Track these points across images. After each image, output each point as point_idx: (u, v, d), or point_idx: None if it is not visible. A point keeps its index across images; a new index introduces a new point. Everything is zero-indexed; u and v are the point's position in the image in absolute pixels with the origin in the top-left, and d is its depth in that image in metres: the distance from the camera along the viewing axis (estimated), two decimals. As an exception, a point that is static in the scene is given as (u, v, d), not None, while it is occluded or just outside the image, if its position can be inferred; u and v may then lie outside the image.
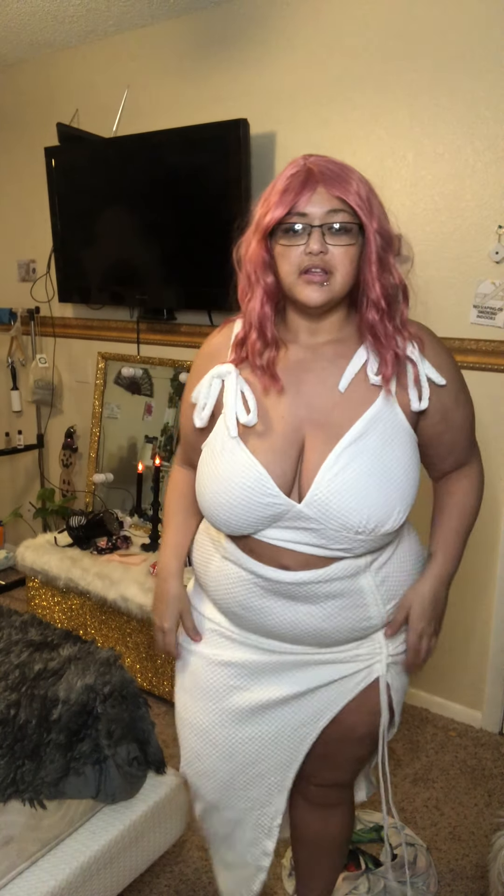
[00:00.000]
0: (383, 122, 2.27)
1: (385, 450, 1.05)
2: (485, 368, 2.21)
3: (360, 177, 1.05)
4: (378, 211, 1.05)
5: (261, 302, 1.09)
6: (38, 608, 2.72)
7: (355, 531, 1.04)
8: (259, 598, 1.13)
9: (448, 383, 1.11)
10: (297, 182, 1.02)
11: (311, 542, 1.07)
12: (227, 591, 1.17)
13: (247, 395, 1.09)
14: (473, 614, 2.35)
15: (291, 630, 1.14)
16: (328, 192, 1.01)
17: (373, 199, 1.05)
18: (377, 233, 1.04)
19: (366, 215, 1.02)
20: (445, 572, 1.20)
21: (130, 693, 1.44)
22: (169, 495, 1.34)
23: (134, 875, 1.44)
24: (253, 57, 2.51)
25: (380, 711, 1.20)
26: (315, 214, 1.01)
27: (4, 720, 1.29)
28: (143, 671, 2.44)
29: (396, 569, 1.16)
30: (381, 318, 1.06)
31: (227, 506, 1.07)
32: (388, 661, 1.20)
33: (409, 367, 1.08)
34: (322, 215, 1.01)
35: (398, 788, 2.08)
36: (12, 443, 3.55)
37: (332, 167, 1.04)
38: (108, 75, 2.93)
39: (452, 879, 1.76)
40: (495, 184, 2.11)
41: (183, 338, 2.90)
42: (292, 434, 1.08)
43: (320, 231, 1.01)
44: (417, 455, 1.11)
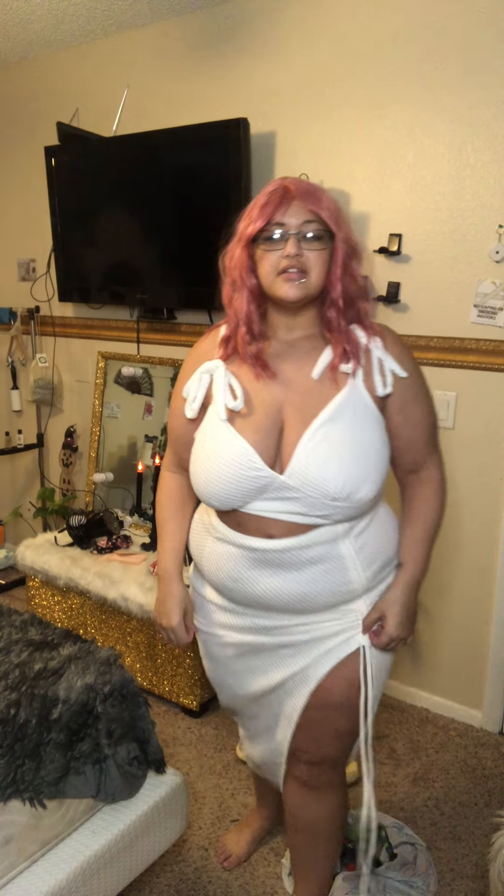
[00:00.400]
0: (383, 121, 2.27)
1: (355, 427, 1.21)
2: (485, 368, 2.21)
3: (330, 196, 1.21)
4: (345, 224, 1.21)
5: (247, 301, 1.24)
6: (38, 607, 2.72)
7: (332, 497, 1.18)
8: (248, 570, 1.27)
9: (409, 377, 1.26)
10: (275, 197, 1.18)
11: (292, 510, 1.22)
12: (219, 568, 1.32)
13: (233, 385, 1.25)
14: (473, 614, 2.35)
15: (278, 596, 1.27)
16: (303, 205, 1.17)
17: (340, 213, 1.21)
18: (344, 241, 1.20)
19: (335, 226, 1.19)
20: (413, 579, 1.35)
21: (130, 692, 1.43)
22: (161, 501, 1.47)
23: (134, 875, 1.44)
24: (253, 56, 2.51)
25: (358, 684, 1.30)
26: (291, 224, 1.17)
27: (4, 719, 1.29)
28: (143, 671, 2.44)
29: (373, 538, 1.30)
30: (337, 315, 1.22)
31: (218, 481, 1.22)
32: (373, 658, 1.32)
33: (374, 358, 1.24)
34: (297, 225, 1.17)
35: (398, 788, 2.08)
36: (12, 442, 3.55)
37: (307, 186, 1.20)
38: (108, 75, 2.93)
39: (452, 879, 1.76)
40: (495, 184, 2.11)
41: (183, 337, 2.90)
42: (274, 416, 1.23)
43: (296, 238, 1.17)
44: (385, 435, 1.26)
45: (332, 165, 2.39)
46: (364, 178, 2.34)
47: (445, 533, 2.36)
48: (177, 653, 2.32)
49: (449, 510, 2.33)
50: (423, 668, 2.50)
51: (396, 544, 1.36)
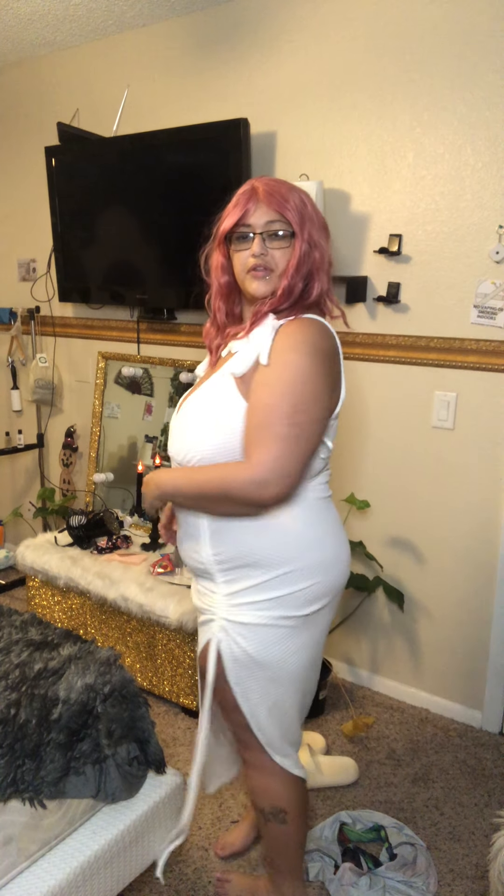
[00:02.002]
0: (384, 121, 2.27)
1: (207, 402, 1.30)
2: (485, 368, 2.21)
3: (301, 197, 1.27)
4: (311, 225, 1.26)
5: (217, 297, 1.38)
6: (38, 607, 2.72)
7: (175, 461, 1.35)
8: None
9: (269, 366, 1.24)
10: (244, 199, 1.28)
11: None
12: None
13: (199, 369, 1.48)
14: (473, 614, 2.35)
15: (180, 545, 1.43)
16: (268, 206, 1.25)
17: (307, 213, 1.27)
18: (306, 241, 1.26)
19: (297, 226, 1.25)
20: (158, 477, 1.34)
21: (130, 693, 1.44)
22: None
23: (134, 875, 1.44)
24: (253, 57, 2.51)
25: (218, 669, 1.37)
26: (257, 224, 1.27)
27: (4, 720, 1.29)
28: (143, 671, 2.44)
29: (236, 531, 1.30)
30: (269, 307, 1.29)
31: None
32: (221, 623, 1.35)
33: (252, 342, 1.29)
34: (262, 225, 1.26)
35: (398, 788, 2.08)
36: (12, 442, 3.55)
37: (274, 187, 1.26)
38: (108, 75, 2.93)
39: (452, 879, 1.76)
40: (495, 184, 2.11)
41: (183, 337, 2.90)
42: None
43: (261, 237, 1.26)
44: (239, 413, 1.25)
45: (333, 166, 2.39)
46: (364, 179, 2.34)
47: (445, 532, 2.37)
48: (177, 653, 2.32)
49: (449, 510, 2.35)
50: (423, 668, 2.50)
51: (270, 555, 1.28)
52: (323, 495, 1.36)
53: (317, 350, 1.23)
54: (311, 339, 1.24)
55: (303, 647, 1.36)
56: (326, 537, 1.35)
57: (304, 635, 1.36)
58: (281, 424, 1.17)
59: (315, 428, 1.22)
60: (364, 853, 1.76)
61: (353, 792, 2.06)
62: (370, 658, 2.62)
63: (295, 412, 1.18)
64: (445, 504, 2.35)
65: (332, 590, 1.36)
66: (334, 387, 1.29)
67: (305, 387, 1.20)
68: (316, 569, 1.32)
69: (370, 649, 2.61)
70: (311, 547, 1.32)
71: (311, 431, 1.21)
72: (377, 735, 2.33)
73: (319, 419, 1.23)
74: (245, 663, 1.34)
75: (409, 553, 2.45)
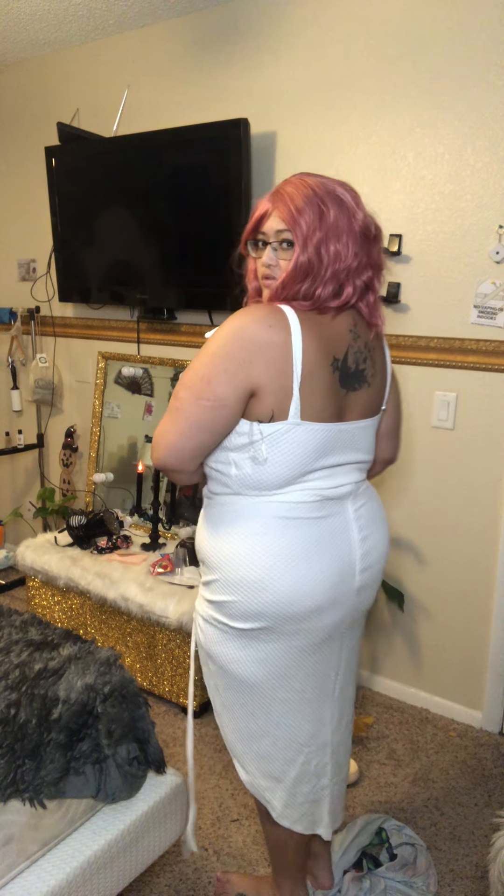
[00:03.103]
0: (384, 121, 2.27)
1: None
2: (485, 368, 2.21)
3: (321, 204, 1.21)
4: (328, 234, 1.21)
5: (251, 300, 1.36)
6: (38, 608, 2.72)
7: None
8: None
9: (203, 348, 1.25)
10: (262, 207, 1.27)
11: None
12: None
13: None
14: (473, 614, 2.35)
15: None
16: (279, 215, 1.23)
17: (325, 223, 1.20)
18: (304, 252, 1.21)
19: (300, 240, 1.20)
20: None
21: (130, 693, 1.43)
22: None
23: (134, 875, 1.44)
24: (253, 57, 2.51)
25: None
26: (269, 234, 1.25)
27: (4, 720, 1.29)
28: (143, 671, 2.44)
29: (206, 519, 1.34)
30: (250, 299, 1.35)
31: None
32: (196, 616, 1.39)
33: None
34: (273, 234, 1.25)
35: (398, 789, 2.08)
36: (12, 442, 3.55)
37: (294, 193, 1.22)
38: (108, 75, 2.93)
39: (452, 879, 1.76)
40: (495, 184, 2.11)
41: (183, 337, 2.90)
42: None
43: (272, 247, 1.25)
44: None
45: (333, 166, 2.39)
46: (364, 179, 2.34)
47: (445, 532, 2.37)
48: (177, 653, 2.32)
49: (449, 510, 2.35)
50: (423, 668, 2.50)
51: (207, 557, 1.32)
52: (288, 515, 1.25)
53: (235, 334, 1.19)
54: (236, 323, 1.20)
55: (252, 661, 1.31)
56: (264, 558, 1.24)
57: (252, 650, 1.30)
58: (173, 398, 1.24)
59: (197, 408, 1.19)
60: (365, 854, 1.76)
61: (353, 792, 2.06)
62: (370, 658, 2.62)
63: (181, 387, 1.22)
64: (445, 504, 2.35)
65: (264, 615, 1.25)
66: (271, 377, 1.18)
67: (200, 366, 1.21)
68: (238, 586, 1.26)
69: (370, 649, 2.61)
70: (237, 563, 1.26)
71: (193, 410, 1.20)
72: (377, 735, 2.33)
73: (207, 398, 1.18)
74: (202, 645, 1.39)
75: (409, 553, 2.45)
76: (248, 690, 1.33)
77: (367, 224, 1.25)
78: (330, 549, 1.28)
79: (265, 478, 1.24)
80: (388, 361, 1.41)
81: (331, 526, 1.29)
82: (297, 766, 1.40)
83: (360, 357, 1.30)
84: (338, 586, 1.29)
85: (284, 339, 1.18)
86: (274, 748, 1.38)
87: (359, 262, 1.24)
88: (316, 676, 1.35)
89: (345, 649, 1.40)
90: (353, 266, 1.23)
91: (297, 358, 1.19)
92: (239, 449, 1.24)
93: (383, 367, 1.38)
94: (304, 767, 1.41)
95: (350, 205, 1.23)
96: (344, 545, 1.30)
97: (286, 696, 1.34)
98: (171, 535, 2.79)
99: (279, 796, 1.42)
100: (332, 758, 1.45)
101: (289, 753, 1.39)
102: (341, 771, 1.50)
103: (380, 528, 1.40)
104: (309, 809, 1.46)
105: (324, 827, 1.49)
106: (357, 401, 1.31)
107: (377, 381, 1.35)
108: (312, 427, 1.23)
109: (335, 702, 1.42)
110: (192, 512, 2.79)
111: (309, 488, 1.26)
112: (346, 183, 1.27)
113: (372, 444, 1.38)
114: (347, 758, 1.53)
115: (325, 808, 1.48)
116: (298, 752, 1.39)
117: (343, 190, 1.24)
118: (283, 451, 1.22)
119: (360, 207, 1.26)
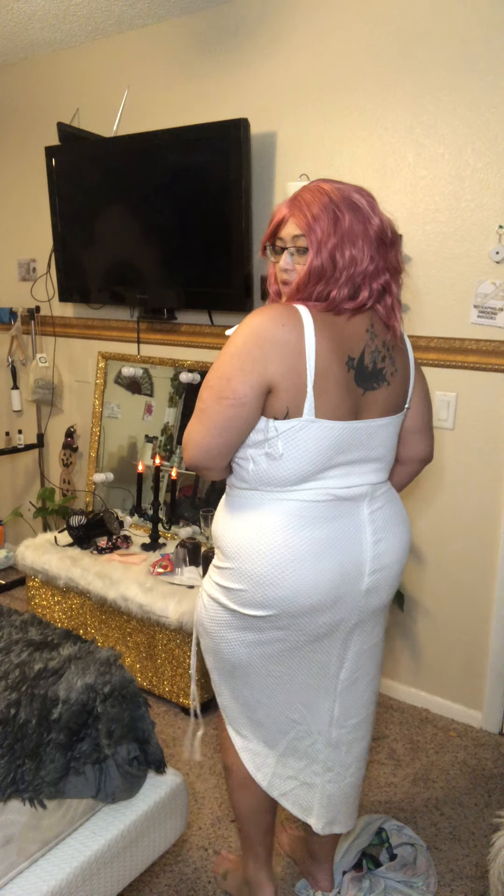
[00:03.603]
0: (384, 122, 2.27)
1: None
2: (485, 368, 2.21)
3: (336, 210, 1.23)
4: (332, 242, 1.22)
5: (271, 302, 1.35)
6: (38, 607, 2.72)
7: None
8: None
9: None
10: (282, 208, 1.29)
11: None
12: None
13: None
14: (473, 614, 2.35)
15: None
16: (295, 222, 1.26)
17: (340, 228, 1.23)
18: (318, 257, 1.23)
19: (314, 245, 1.23)
20: None
21: (130, 693, 1.43)
22: None
23: (134, 875, 1.44)
24: (253, 57, 2.51)
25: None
26: (286, 239, 1.29)
27: (4, 720, 1.29)
28: (143, 671, 2.44)
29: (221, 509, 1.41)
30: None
31: None
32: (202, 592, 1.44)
33: None
34: (290, 239, 1.28)
35: (398, 789, 2.08)
36: (12, 442, 3.55)
37: (306, 201, 1.25)
38: (108, 75, 2.93)
39: (452, 880, 1.76)
40: (495, 184, 2.11)
41: (183, 337, 2.90)
42: None
43: (288, 252, 1.29)
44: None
45: (333, 166, 2.39)
46: (364, 179, 2.34)
47: (445, 532, 2.37)
48: (177, 653, 2.32)
49: (449, 510, 2.35)
50: (423, 668, 2.50)
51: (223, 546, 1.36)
52: (303, 513, 1.28)
53: (251, 333, 1.22)
54: (252, 322, 1.23)
55: (242, 644, 1.36)
56: (276, 555, 1.27)
57: (246, 633, 1.35)
58: (198, 399, 1.28)
59: (220, 407, 1.23)
60: (365, 854, 1.76)
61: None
62: (370, 658, 2.61)
63: (204, 388, 1.26)
64: (445, 504, 2.35)
65: (269, 606, 1.29)
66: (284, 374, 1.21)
67: (220, 364, 1.24)
68: (249, 578, 1.29)
69: (370, 649, 2.61)
70: (252, 556, 1.29)
71: (216, 409, 1.23)
72: (377, 735, 2.33)
73: (227, 397, 1.22)
74: (201, 621, 1.44)
75: (410, 553, 2.45)
76: (243, 667, 1.38)
77: (384, 229, 1.28)
78: (338, 551, 1.30)
79: (280, 474, 1.27)
80: (411, 360, 1.42)
81: (343, 527, 1.30)
82: (287, 738, 1.45)
83: (378, 356, 1.31)
84: (340, 587, 1.30)
85: (297, 338, 1.21)
86: (268, 718, 1.43)
87: (375, 267, 1.26)
88: (313, 665, 1.39)
89: (351, 648, 1.40)
90: (369, 270, 1.25)
91: (310, 356, 1.21)
92: (256, 445, 1.27)
93: (405, 366, 1.39)
94: (294, 743, 1.45)
95: (366, 210, 1.25)
96: (354, 547, 1.32)
97: (279, 671, 1.39)
98: (171, 535, 2.79)
99: (269, 763, 1.46)
100: (330, 750, 1.46)
101: (281, 725, 1.44)
102: (346, 771, 1.51)
103: (397, 531, 1.40)
104: (299, 791, 1.49)
105: (315, 817, 1.51)
106: (376, 399, 1.32)
107: (398, 379, 1.36)
108: (327, 424, 1.25)
109: (337, 697, 1.43)
110: (192, 512, 2.79)
111: (324, 487, 1.29)
112: (362, 188, 1.28)
113: (393, 443, 1.39)
114: (356, 761, 1.52)
115: (317, 796, 1.50)
116: (290, 726, 1.44)
117: (359, 196, 1.26)
118: (298, 448, 1.25)
119: (377, 213, 1.27)
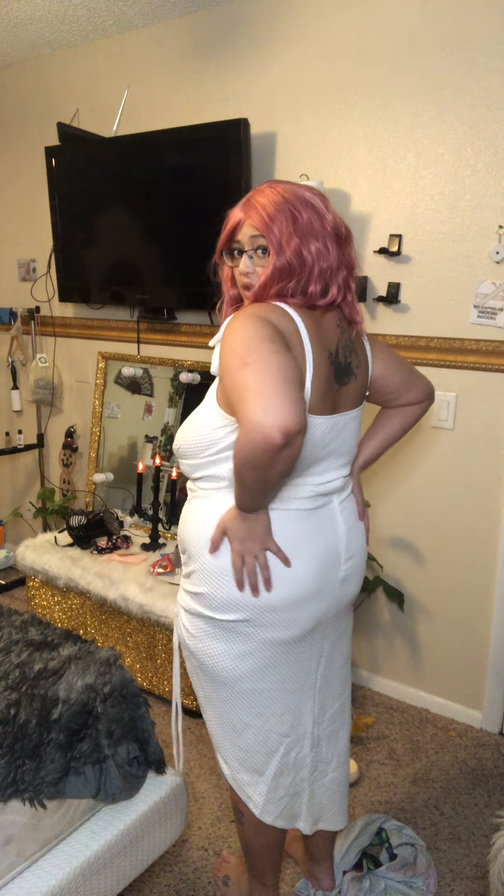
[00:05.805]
0: (384, 121, 2.27)
1: (204, 399, 1.31)
2: (485, 368, 2.21)
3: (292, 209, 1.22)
4: (304, 237, 1.22)
5: (228, 307, 1.39)
6: (38, 608, 2.72)
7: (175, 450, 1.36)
8: None
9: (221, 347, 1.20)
10: (236, 211, 1.28)
11: None
12: None
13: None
14: (473, 614, 2.35)
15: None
16: (252, 223, 1.24)
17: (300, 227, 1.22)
18: (282, 256, 1.22)
19: (274, 244, 1.22)
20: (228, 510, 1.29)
21: (130, 693, 1.43)
22: None
23: (134, 875, 1.44)
24: (253, 57, 2.51)
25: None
26: (244, 241, 1.27)
27: (4, 720, 1.29)
28: (143, 671, 2.44)
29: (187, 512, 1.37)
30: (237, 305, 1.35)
31: None
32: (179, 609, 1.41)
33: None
34: (248, 241, 1.26)
35: (398, 789, 2.08)
36: (12, 442, 3.55)
37: (261, 202, 1.24)
38: (108, 75, 2.93)
39: (452, 880, 1.76)
40: (495, 184, 2.11)
41: (183, 337, 2.90)
42: None
43: (247, 255, 1.26)
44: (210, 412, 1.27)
45: (333, 166, 2.39)
46: (364, 179, 2.34)
47: (445, 532, 2.37)
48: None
49: (449, 510, 2.34)
50: (423, 668, 2.50)
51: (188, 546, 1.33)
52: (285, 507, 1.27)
53: (255, 315, 1.16)
54: (250, 310, 1.20)
55: (231, 656, 1.31)
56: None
57: (233, 643, 1.31)
58: (240, 376, 1.07)
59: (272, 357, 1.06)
60: (365, 854, 1.76)
61: (353, 792, 2.06)
62: (370, 658, 2.62)
63: (245, 360, 1.08)
64: (445, 504, 2.35)
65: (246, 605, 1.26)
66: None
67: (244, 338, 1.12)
68: (211, 576, 1.28)
69: (370, 649, 2.61)
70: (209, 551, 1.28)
71: (267, 360, 1.06)
72: (377, 735, 2.33)
73: (274, 351, 1.08)
74: (184, 642, 1.40)
75: (409, 553, 2.45)
76: (230, 684, 1.35)
77: (338, 225, 1.28)
78: (319, 540, 1.32)
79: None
80: (368, 353, 1.42)
81: (320, 517, 1.32)
82: (277, 758, 1.42)
83: (348, 350, 1.33)
84: (324, 576, 1.32)
85: (294, 328, 1.21)
86: (255, 741, 1.39)
87: (338, 262, 1.27)
88: (298, 667, 1.38)
89: (326, 641, 1.41)
90: (333, 265, 1.26)
91: (307, 348, 1.21)
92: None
93: (365, 358, 1.41)
94: (284, 759, 1.43)
95: (320, 208, 1.26)
96: (331, 536, 1.34)
97: (268, 686, 1.36)
98: (171, 535, 2.79)
99: (260, 790, 1.43)
100: (312, 750, 1.46)
101: (270, 745, 1.40)
102: (327, 767, 1.51)
103: (356, 521, 1.43)
104: (289, 804, 1.48)
105: (302, 821, 1.50)
106: (348, 393, 1.34)
107: (361, 371, 1.38)
108: (316, 420, 1.25)
109: (317, 692, 1.43)
110: (192, 512, 2.78)
111: (307, 483, 1.30)
112: (312, 187, 1.29)
113: (358, 435, 1.42)
114: (336, 755, 1.53)
115: (304, 800, 1.49)
116: (279, 742, 1.41)
117: (311, 194, 1.26)
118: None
119: (329, 210, 1.28)
